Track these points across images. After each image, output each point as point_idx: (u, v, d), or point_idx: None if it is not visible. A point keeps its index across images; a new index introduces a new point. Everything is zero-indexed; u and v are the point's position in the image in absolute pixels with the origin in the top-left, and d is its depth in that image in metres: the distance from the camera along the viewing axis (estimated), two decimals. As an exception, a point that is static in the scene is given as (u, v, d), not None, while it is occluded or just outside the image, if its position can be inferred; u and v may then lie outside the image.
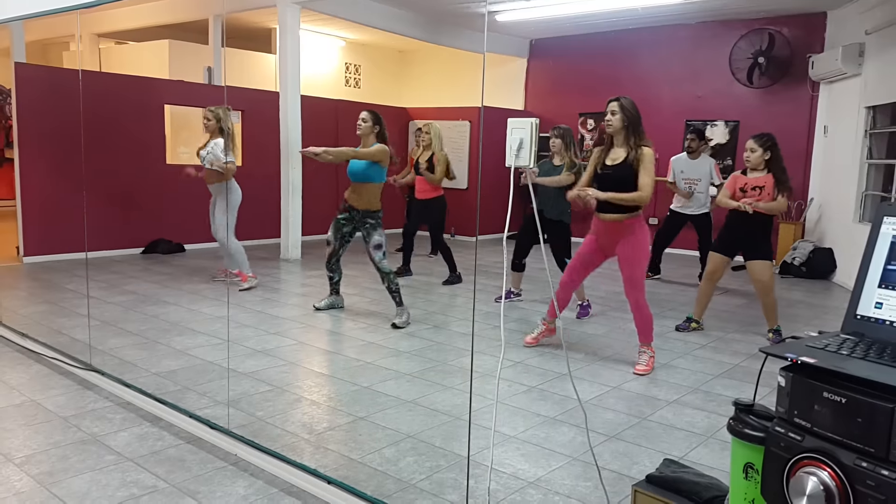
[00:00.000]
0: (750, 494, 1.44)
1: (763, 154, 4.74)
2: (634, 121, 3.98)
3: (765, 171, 4.78)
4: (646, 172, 3.93)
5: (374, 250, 4.99)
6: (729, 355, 4.52)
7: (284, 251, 7.80)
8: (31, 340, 4.22)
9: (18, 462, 2.72)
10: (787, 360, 1.28)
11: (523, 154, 2.27)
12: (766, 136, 4.80)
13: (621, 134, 4.00)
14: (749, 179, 4.84)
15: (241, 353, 4.20)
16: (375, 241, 4.99)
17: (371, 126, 4.99)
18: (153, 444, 2.91)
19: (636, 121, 3.99)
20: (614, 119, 3.98)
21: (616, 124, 3.98)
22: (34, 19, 4.81)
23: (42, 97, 7.01)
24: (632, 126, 3.98)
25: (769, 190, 4.74)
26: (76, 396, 3.44)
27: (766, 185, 4.75)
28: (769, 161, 4.75)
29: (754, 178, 4.81)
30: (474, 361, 4.16)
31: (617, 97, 4.02)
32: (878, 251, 1.38)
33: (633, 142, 3.98)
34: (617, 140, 4.05)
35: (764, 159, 4.75)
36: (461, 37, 9.75)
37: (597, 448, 2.97)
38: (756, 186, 4.78)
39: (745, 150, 4.85)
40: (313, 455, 2.85)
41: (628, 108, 3.97)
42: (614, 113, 3.98)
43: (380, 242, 4.99)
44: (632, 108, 3.98)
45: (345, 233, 5.17)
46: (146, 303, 5.43)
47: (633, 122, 3.98)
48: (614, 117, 3.98)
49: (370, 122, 5.00)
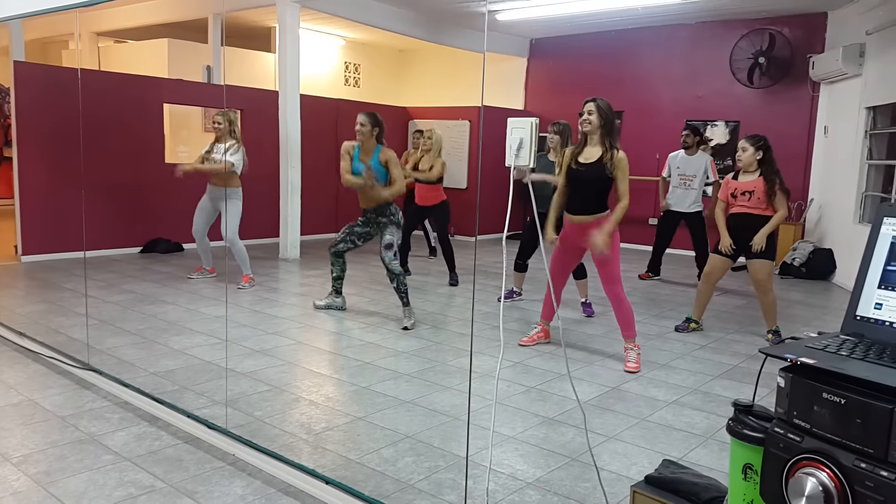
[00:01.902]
0: (749, 495, 1.44)
1: (755, 153, 4.72)
2: (609, 122, 4.09)
3: (756, 172, 4.76)
4: (623, 178, 4.10)
5: (384, 250, 4.96)
6: (728, 356, 4.51)
7: (283, 251, 7.79)
8: (28, 339, 4.21)
9: (16, 461, 2.71)
10: (786, 360, 1.27)
11: (523, 154, 2.26)
12: (758, 137, 4.81)
13: (597, 133, 4.10)
14: (739, 184, 4.82)
15: (240, 352, 4.20)
16: (387, 240, 4.96)
17: (370, 129, 4.93)
18: (151, 444, 2.90)
19: (611, 122, 4.10)
20: (591, 118, 4.06)
21: (594, 123, 4.06)
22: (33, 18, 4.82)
23: (41, 96, 7.00)
24: (606, 126, 4.08)
25: (759, 194, 4.71)
26: (74, 396, 3.44)
27: (755, 190, 4.73)
28: (761, 162, 4.74)
29: (744, 183, 4.79)
30: (473, 362, 4.16)
31: (593, 98, 4.11)
32: (878, 252, 1.37)
33: (608, 143, 4.08)
34: (591, 140, 4.14)
35: (756, 159, 4.73)
36: (461, 36, 9.75)
37: (595, 449, 2.97)
38: (746, 191, 4.76)
39: (738, 149, 4.87)
40: (311, 455, 2.84)
41: (604, 109, 4.07)
42: (591, 113, 4.07)
43: (391, 242, 4.97)
44: (608, 109, 4.09)
45: (355, 232, 5.14)
46: (144, 302, 5.42)
47: (608, 123, 4.08)
48: (591, 117, 4.06)
49: (369, 125, 4.93)
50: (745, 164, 4.79)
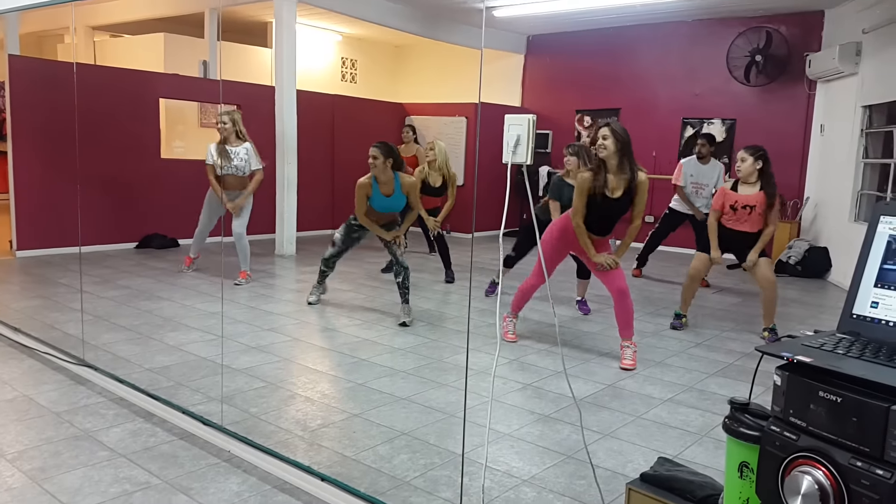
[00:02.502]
0: (745, 493, 1.44)
1: (754, 163, 4.70)
2: (626, 145, 3.94)
3: (757, 184, 4.74)
4: (641, 200, 4.04)
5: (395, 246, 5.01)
6: (723, 354, 4.52)
7: (279, 247, 7.78)
8: (23, 335, 4.19)
9: (10, 458, 2.70)
10: (783, 358, 1.28)
11: (520, 151, 2.26)
12: (757, 147, 4.79)
13: (615, 159, 3.96)
14: (740, 197, 4.77)
15: (235, 349, 4.19)
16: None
17: (384, 161, 4.79)
18: (146, 440, 2.89)
19: (627, 145, 3.95)
20: (607, 143, 3.92)
21: (610, 148, 3.92)
22: (29, 11, 4.79)
23: (36, 90, 6.96)
24: (623, 150, 3.94)
25: (760, 210, 4.70)
26: (69, 392, 3.43)
27: (757, 205, 4.70)
28: (761, 172, 4.72)
29: (745, 196, 4.75)
30: (469, 358, 4.17)
31: (607, 121, 4.02)
32: (875, 250, 1.38)
33: (630, 167, 3.97)
34: (610, 166, 3.99)
35: (756, 169, 4.71)
36: (458, 32, 9.73)
37: (591, 446, 2.97)
38: (748, 205, 4.73)
39: (737, 160, 4.82)
40: (307, 452, 2.84)
41: (620, 133, 3.92)
42: (606, 138, 3.92)
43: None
44: (623, 132, 3.93)
45: (354, 238, 5.16)
46: (140, 298, 5.40)
47: (625, 147, 3.94)
48: (606, 142, 3.92)
49: (381, 157, 4.78)
50: (744, 174, 4.75)
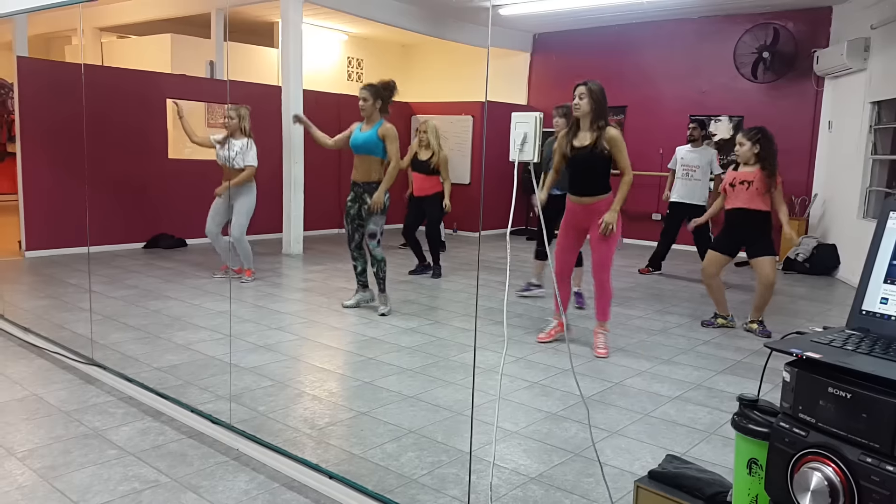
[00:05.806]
0: (754, 490, 1.44)
1: (752, 147, 4.78)
2: (600, 105, 4.11)
3: (756, 165, 4.79)
4: (620, 153, 4.13)
5: (368, 238, 5.08)
6: (732, 351, 4.51)
7: (286, 246, 7.79)
8: (33, 335, 4.22)
9: (21, 456, 2.72)
10: (792, 355, 1.27)
11: (527, 149, 2.26)
12: (754, 130, 4.85)
13: (588, 117, 4.13)
14: (738, 174, 4.88)
15: (243, 348, 4.20)
16: (370, 229, 5.05)
17: (372, 104, 4.97)
18: (155, 439, 2.91)
19: (602, 105, 4.11)
20: (582, 103, 4.09)
21: (584, 108, 4.09)
22: (37, 13, 4.82)
23: (44, 91, 7.00)
24: (598, 110, 4.10)
25: (758, 185, 4.74)
26: (78, 391, 3.45)
27: (754, 180, 4.77)
28: (759, 154, 4.77)
29: (742, 173, 4.85)
30: (477, 357, 4.16)
31: (584, 81, 4.13)
32: (884, 246, 1.37)
33: (599, 125, 4.11)
34: (583, 124, 4.17)
35: (753, 153, 4.78)
36: (464, 31, 9.72)
37: (599, 444, 2.97)
38: (745, 181, 4.80)
39: (736, 144, 4.95)
40: (315, 450, 2.85)
41: (596, 92, 4.09)
42: (582, 97, 4.09)
43: (374, 231, 5.04)
44: (599, 92, 4.11)
45: (353, 215, 5.18)
46: (148, 297, 5.43)
47: (599, 106, 4.10)
48: (582, 101, 4.09)
49: (371, 99, 4.96)
50: (742, 157, 4.85)
